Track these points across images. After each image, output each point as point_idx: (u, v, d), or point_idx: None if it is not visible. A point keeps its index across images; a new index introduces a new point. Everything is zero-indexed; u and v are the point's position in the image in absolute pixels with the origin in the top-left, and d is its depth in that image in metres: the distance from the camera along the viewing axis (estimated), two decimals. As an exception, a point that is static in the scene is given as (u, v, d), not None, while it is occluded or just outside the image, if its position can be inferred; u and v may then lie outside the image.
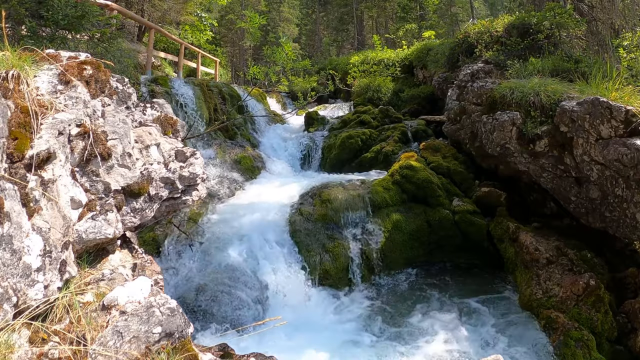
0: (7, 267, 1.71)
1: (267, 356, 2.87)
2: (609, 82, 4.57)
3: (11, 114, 1.99)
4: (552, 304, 4.20)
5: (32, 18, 4.40)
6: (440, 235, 5.67)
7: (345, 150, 8.34)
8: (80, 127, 2.34)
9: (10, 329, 1.70)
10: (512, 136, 5.27)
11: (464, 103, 6.66)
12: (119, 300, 2.00)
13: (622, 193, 4.12)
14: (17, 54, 2.30)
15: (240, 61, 27.26)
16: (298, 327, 4.13)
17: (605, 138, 4.18)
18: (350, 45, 28.10)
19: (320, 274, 4.97)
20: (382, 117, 9.26)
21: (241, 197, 6.44)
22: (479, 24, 8.85)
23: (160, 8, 12.91)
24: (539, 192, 5.70)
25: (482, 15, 23.63)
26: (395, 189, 6.06)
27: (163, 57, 12.33)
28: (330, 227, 5.47)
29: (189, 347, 1.97)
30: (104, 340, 1.77)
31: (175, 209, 3.22)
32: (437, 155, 6.95)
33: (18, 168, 1.94)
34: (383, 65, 13.10)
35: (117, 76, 3.10)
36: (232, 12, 25.27)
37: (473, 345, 3.97)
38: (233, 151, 7.86)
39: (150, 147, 2.97)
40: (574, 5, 7.35)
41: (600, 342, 3.83)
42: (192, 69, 14.34)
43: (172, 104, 7.36)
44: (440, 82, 9.46)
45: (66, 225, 2.09)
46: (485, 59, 7.09)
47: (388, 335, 4.18)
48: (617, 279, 4.50)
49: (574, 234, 5.04)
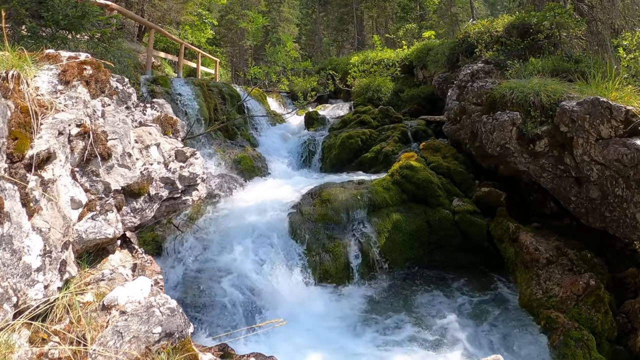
0: (7, 267, 1.71)
1: (267, 356, 2.87)
2: (609, 82, 4.57)
3: (11, 114, 1.99)
4: (552, 304, 4.20)
5: (32, 18, 4.40)
6: (440, 235, 5.67)
7: (345, 150, 8.34)
8: (80, 127, 2.34)
9: (10, 329, 1.70)
10: (512, 136, 5.27)
11: (464, 103, 6.66)
12: (119, 300, 2.00)
13: (622, 193, 4.12)
14: (17, 54, 2.30)
15: (240, 61, 27.26)
16: (298, 327, 4.13)
17: (605, 138, 4.18)
18: (350, 45, 28.09)
19: (320, 274, 4.97)
20: (382, 117, 9.26)
21: (241, 197, 6.44)
22: (479, 24, 8.85)
23: (160, 8, 12.91)
24: (539, 192, 5.70)
25: (482, 15, 23.63)
26: (395, 189, 6.06)
27: (163, 57, 12.33)
28: (330, 227, 5.47)
29: (189, 347, 1.97)
30: (104, 340, 1.77)
31: (175, 209, 3.22)
32: (437, 155, 6.95)
33: (18, 168, 1.94)
34: (383, 65, 13.10)
35: (117, 76, 3.10)
36: (232, 12, 25.27)
37: (473, 345, 3.97)
38: (233, 151, 7.86)
39: (150, 147, 2.97)
40: (574, 5, 7.35)
41: (600, 342, 3.83)
42: (192, 69, 14.34)
43: (172, 104, 7.36)
44: (440, 82, 9.46)
45: (66, 225, 2.09)
46: (485, 59, 7.09)
47: (388, 334, 4.18)
48: (617, 279, 4.50)
49: (574, 234, 5.04)
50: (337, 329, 4.29)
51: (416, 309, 4.65)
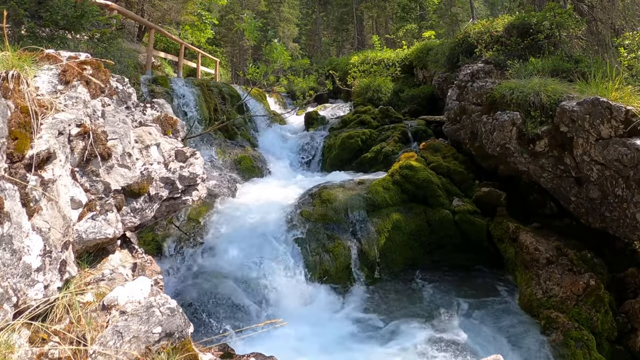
0: (7, 267, 1.71)
1: (267, 356, 2.87)
2: (609, 82, 4.57)
3: (11, 114, 1.99)
4: (552, 304, 4.20)
5: (31, 18, 4.40)
6: (440, 235, 5.67)
7: (345, 150, 8.34)
8: (80, 127, 2.34)
9: (10, 329, 1.70)
10: (512, 136, 5.27)
11: (464, 103, 6.66)
12: (119, 300, 1.99)
13: (622, 193, 4.12)
14: (17, 54, 2.30)
15: (240, 61, 27.26)
16: (298, 327, 4.13)
17: (605, 138, 4.18)
18: (350, 45, 28.09)
19: (320, 274, 4.97)
20: (382, 117, 9.27)
21: (241, 197, 6.44)
22: (479, 24, 8.86)
23: (160, 8, 12.89)
24: (539, 192, 5.70)
25: (482, 15, 23.61)
26: (395, 189, 6.06)
27: (163, 57, 12.32)
28: (330, 227, 5.47)
29: (189, 347, 1.97)
30: (104, 340, 1.77)
31: (176, 209, 3.22)
32: (437, 155, 6.95)
33: (18, 168, 1.93)
34: (383, 65, 13.10)
35: (117, 76, 3.09)
36: (232, 12, 25.28)
37: (473, 345, 3.96)
38: (233, 151, 7.86)
39: (150, 147, 2.97)
40: (574, 5, 7.35)
41: (600, 342, 3.83)
42: (192, 69, 14.34)
43: (172, 104, 7.36)
44: (440, 82, 9.47)
45: (66, 225, 2.09)
46: (485, 59, 7.09)
47: (387, 334, 4.18)
48: (617, 279, 4.50)
49: (574, 234, 5.05)
50: (337, 329, 4.29)
51: (416, 309, 4.65)
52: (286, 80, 10.43)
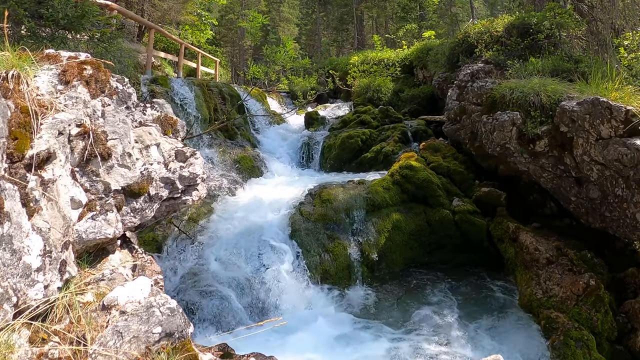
0: (7, 267, 1.71)
1: (267, 356, 2.87)
2: (609, 82, 4.57)
3: (11, 114, 1.99)
4: (552, 304, 4.20)
5: (31, 18, 4.39)
6: (440, 235, 5.67)
7: (345, 150, 8.34)
8: (80, 127, 2.34)
9: (10, 329, 1.70)
10: (512, 136, 5.27)
11: (464, 103, 6.66)
12: (119, 300, 1.99)
13: (622, 193, 4.12)
14: (17, 54, 2.30)
15: (240, 61, 27.25)
16: (298, 327, 4.13)
17: (605, 138, 4.18)
18: (350, 45, 28.08)
19: (320, 274, 4.97)
20: (382, 117, 9.27)
21: (241, 197, 6.44)
22: (479, 24, 8.86)
23: (160, 8, 12.89)
24: (539, 192, 5.69)
25: (482, 15, 23.62)
26: (395, 189, 6.06)
27: (163, 57, 12.32)
28: (330, 227, 5.47)
29: (189, 347, 1.97)
30: (104, 340, 1.77)
31: (176, 209, 3.22)
32: (437, 155, 6.95)
33: (18, 168, 1.94)
34: (383, 65, 13.10)
35: (117, 76, 3.09)
36: (232, 12, 25.28)
37: (473, 345, 3.96)
38: (233, 151, 7.86)
39: (150, 147, 2.97)
40: (574, 5, 7.34)
41: (600, 342, 3.83)
42: (192, 69, 14.34)
43: (172, 104, 7.36)
44: (440, 82, 9.47)
45: (66, 225, 2.09)
46: (485, 59, 7.09)
47: (387, 334, 4.18)
48: (617, 279, 4.50)
49: (574, 234, 5.04)
50: (337, 329, 4.29)
51: (415, 308, 4.65)
52: (286, 80, 10.43)
